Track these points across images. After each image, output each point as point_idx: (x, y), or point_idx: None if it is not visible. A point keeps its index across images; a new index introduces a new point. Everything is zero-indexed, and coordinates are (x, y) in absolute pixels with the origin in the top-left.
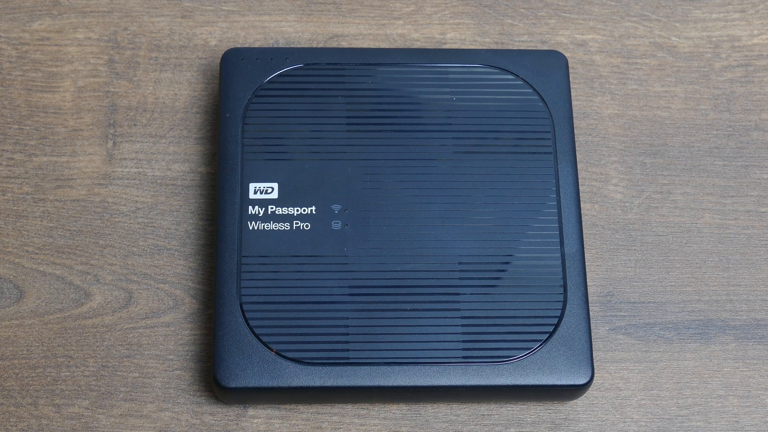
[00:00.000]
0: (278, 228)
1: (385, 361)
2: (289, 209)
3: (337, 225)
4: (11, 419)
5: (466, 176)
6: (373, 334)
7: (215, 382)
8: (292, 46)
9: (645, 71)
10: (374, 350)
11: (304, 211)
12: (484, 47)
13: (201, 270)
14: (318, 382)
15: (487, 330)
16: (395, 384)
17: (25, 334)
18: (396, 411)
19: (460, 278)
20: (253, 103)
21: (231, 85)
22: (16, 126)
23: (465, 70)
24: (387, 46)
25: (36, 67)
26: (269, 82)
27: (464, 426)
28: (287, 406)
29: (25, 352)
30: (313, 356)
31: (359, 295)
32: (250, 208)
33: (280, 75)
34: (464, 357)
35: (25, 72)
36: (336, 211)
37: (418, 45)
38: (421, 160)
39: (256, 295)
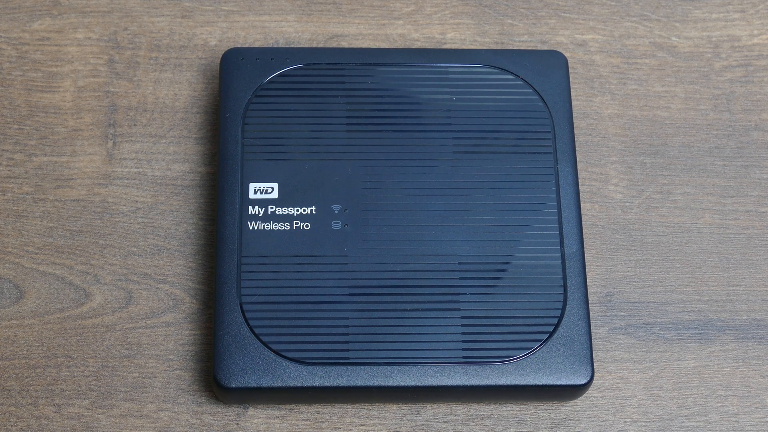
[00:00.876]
0: (278, 228)
1: (385, 361)
2: (289, 209)
3: (337, 225)
4: (11, 419)
5: (466, 176)
6: (373, 334)
7: (215, 382)
8: (292, 46)
9: (645, 71)
10: (374, 350)
11: (304, 211)
12: (484, 47)
13: (201, 270)
14: (318, 382)
15: (487, 330)
16: (395, 384)
17: (25, 334)
18: (396, 411)
19: (460, 278)
20: (253, 103)
21: (231, 85)
22: (16, 126)
23: (465, 70)
24: (387, 46)
25: (36, 67)
26: (269, 82)
27: (464, 426)
28: (287, 406)
29: (25, 352)
30: (313, 356)
31: (359, 295)
32: (250, 208)
33: (280, 75)
34: (464, 357)
35: (25, 72)
36: (336, 211)
37: (418, 45)
38: (421, 160)
39: (256, 295)
